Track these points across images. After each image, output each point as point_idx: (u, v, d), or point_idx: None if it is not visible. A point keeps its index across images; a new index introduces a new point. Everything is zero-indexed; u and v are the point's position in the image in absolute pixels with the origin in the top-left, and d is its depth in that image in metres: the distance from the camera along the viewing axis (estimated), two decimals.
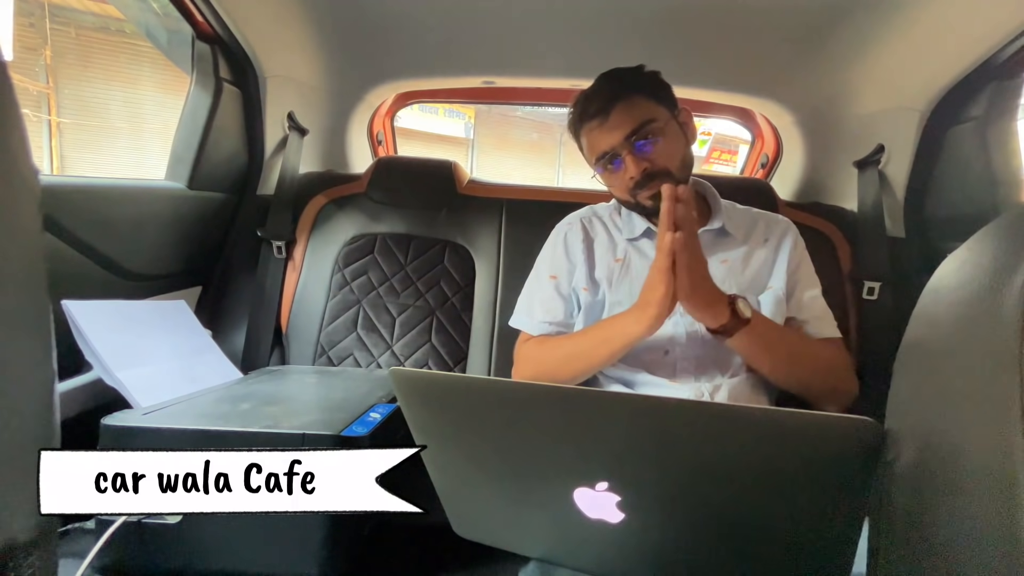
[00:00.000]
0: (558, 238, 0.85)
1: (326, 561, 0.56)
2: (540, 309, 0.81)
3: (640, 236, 0.79)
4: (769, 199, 1.09)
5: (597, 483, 0.36)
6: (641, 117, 0.72)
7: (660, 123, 0.73)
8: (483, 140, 9.24)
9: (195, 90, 0.98)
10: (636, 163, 0.73)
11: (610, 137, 0.73)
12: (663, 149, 0.73)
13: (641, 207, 0.77)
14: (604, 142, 0.74)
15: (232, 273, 1.08)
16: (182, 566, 0.56)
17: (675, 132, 0.75)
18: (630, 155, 0.73)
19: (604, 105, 0.73)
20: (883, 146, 1.01)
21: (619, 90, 0.74)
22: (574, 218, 0.86)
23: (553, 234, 0.87)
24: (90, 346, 0.66)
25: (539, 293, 0.82)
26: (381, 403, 0.68)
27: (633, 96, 0.73)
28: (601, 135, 0.74)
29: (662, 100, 0.75)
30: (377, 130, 1.47)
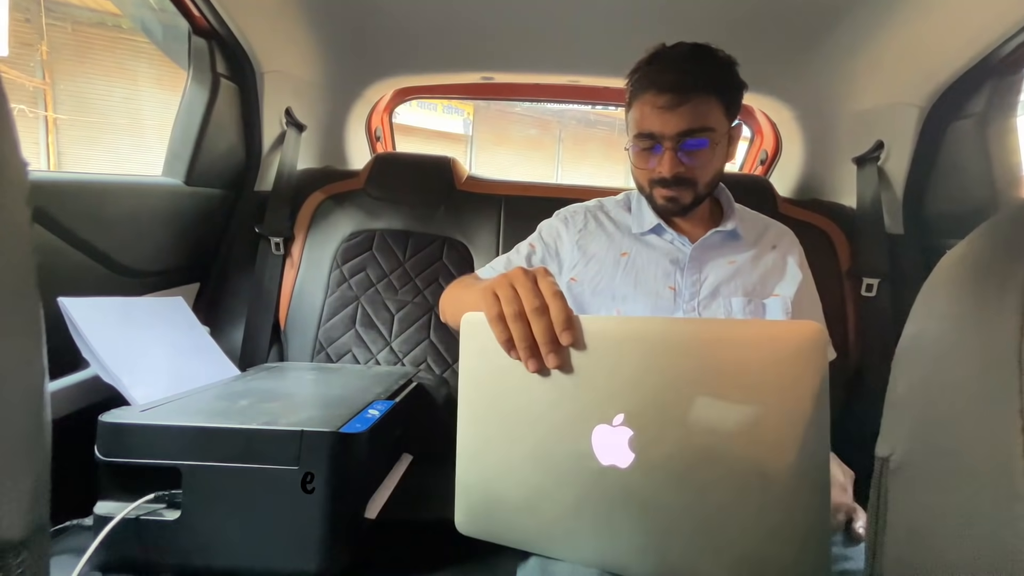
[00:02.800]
0: (556, 221, 0.85)
1: (325, 557, 0.56)
2: (497, 261, 0.84)
3: (648, 232, 0.78)
4: (768, 196, 1.09)
5: (614, 417, 0.41)
6: (704, 121, 0.68)
7: (716, 134, 0.69)
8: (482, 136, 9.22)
9: (192, 86, 0.97)
10: (673, 163, 0.69)
11: (667, 123, 0.68)
12: (705, 161, 0.70)
13: (652, 201, 0.76)
14: (657, 124, 0.69)
15: (230, 270, 1.08)
16: (181, 563, 0.56)
17: (722, 148, 0.71)
18: (671, 152, 0.69)
19: (680, 89, 0.67)
20: (882, 142, 1.01)
21: (703, 81, 0.67)
22: (579, 208, 0.85)
23: (553, 216, 0.86)
24: (87, 343, 0.66)
25: (509, 253, 0.84)
26: (379, 400, 0.68)
27: (712, 94, 0.68)
28: (658, 116, 0.68)
29: (729, 110, 0.71)
30: (375, 126, 1.46)
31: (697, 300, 0.73)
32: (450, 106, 8.77)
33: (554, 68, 1.20)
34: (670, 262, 0.75)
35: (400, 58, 1.20)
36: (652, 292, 0.74)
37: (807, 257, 0.81)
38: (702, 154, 0.70)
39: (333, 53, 1.14)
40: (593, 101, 1.53)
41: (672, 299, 0.73)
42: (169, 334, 0.79)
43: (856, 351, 0.97)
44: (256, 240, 1.07)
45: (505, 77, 1.26)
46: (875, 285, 0.97)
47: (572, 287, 0.78)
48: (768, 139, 1.37)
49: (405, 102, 1.52)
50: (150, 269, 0.93)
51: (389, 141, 1.57)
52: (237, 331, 1.02)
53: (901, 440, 0.23)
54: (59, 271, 0.76)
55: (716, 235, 0.76)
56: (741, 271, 0.75)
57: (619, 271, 0.76)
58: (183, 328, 0.83)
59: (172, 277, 0.99)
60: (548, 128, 9.25)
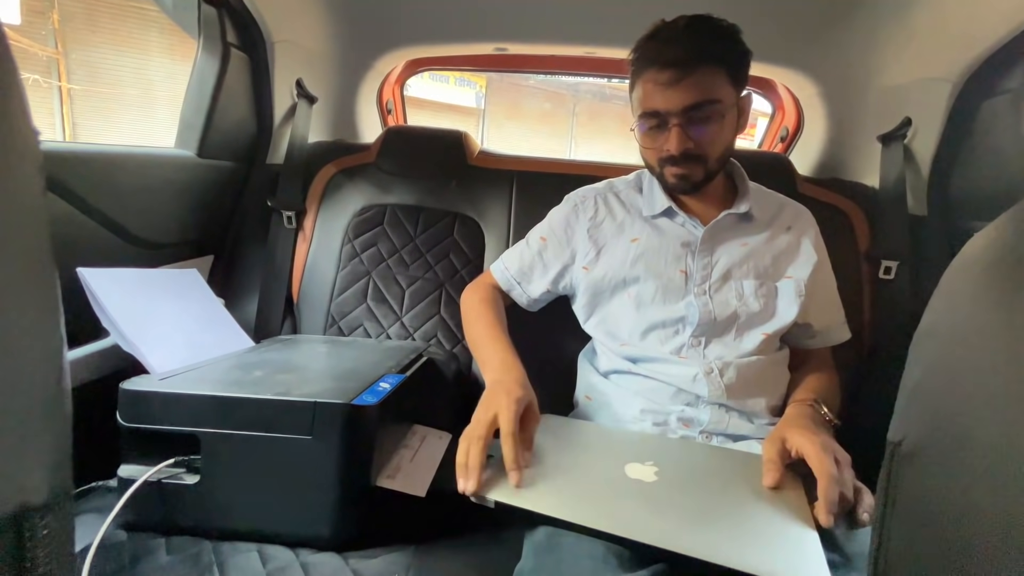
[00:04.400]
0: (567, 208, 0.84)
1: (337, 523, 0.58)
2: (510, 257, 0.86)
3: (660, 214, 0.77)
4: (787, 174, 1.06)
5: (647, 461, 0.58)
6: (710, 93, 0.66)
7: (723, 106, 0.67)
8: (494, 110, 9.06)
9: (202, 55, 0.96)
10: (681, 140, 0.67)
11: (670, 100, 0.66)
12: (714, 134, 0.68)
13: (663, 180, 0.74)
14: (661, 101, 0.67)
15: (243, 243, 1.09)
16: (200, 524, 0.59)
17: (732, 118, 0.69)
18: (679, 128, 0.67)
19: (682, 63, 0.65)
20: (910, 119, 0.97)
21: (705, 53, 0.65)
22: (589, 192, 0.84)
23: (564, 202, 0.86)
24: (106, 313, 0.68)
25: (521, 246, 0.86)
26: (391, 373, 0.69)
27: (716, 65, 0.66)
28: (661, 93, 0.67)
29: (736, 80, 0.68)
30: (387, 99, 1.44)
31: (708, 283, 0.72)
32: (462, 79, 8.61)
33: (569, 39, 1.16)
34: (681, 245, 0.74)
35: (412, 28, 1.17)
36: (663, 276, 0.73)
37: (825, 238, 0.79)
38: (710, 128, 0.68)
39: (344, 23, 1.12)
40: (609, 74, 1.49)
41: (683, 282, 0.73)
42: (185, 305, 0.81)
43: (870, 335, 0.95)
44: (268, 213, 1.07)
45: (519, 48, 1.23)
46: (894, 268, 0.95)
47: (584, 276, 0.78)
48: (790, 115, 1.33)
49: (417, 74, 1.49)
50: (165, 241, 0.94)
51: (401, 114, 1.55)
52: (251, 303, 1.04)
53: (916, 425, 0.23)
54: (76, 242, 0.77)
55: (728, 217, 0.75)
56: (754, 253, 0.74)
57: (630, 257, 0.75)
58: (198, 299, 0.85)
59: (187, 249, 1.01)
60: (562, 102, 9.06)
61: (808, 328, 0.77)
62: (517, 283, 0.84)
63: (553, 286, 0.82)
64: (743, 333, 0.71)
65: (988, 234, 0.24)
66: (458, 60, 1.43)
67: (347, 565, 0.57)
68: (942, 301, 0.24)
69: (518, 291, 0.84)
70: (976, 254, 0.24)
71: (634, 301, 0.74)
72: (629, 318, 0.74)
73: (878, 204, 0.99)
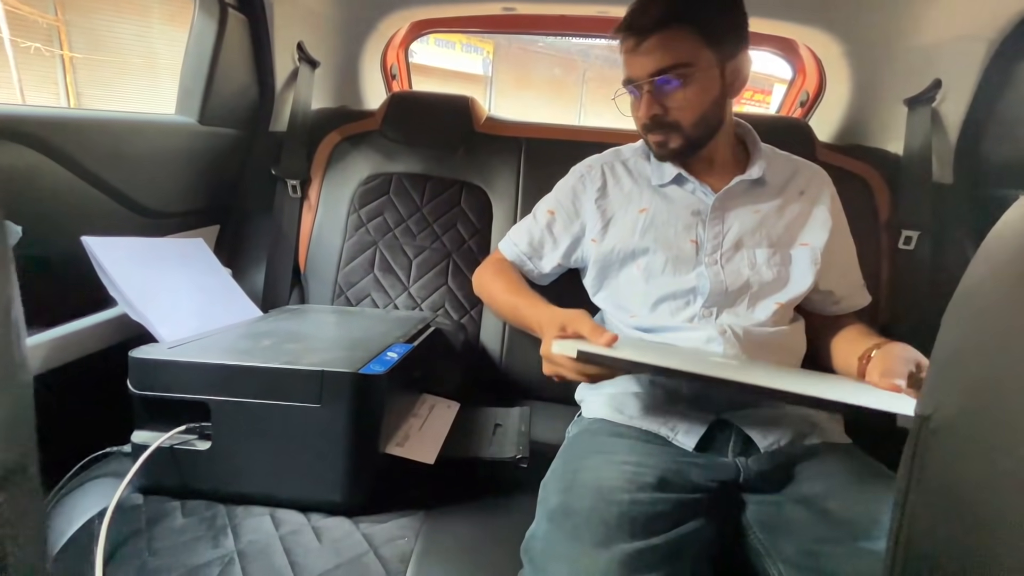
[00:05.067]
0: (572, 180, 0.82)
1: (346, 489, 0.58)
2: (518, 233, 0.84)
3: (669, 183, 0.75)
4: (806, 140, 1.02)
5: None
6: (676, 58, 0.64)
7: (695, 68, 0.64)
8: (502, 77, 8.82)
9: (199, 17, 0.93)
10: (648, 105, 0.68)
11: (636, 66, 0.67)
12: (684, 99, 0.66)
13: (652, 149, 0.74)
14: (630, 68, 0.68)
15: (249, 212, 1.08)
16: (212, 488, 0.60)
17: (709, 82, 0.66)
18: (648, 95, 0.67)
19: (643, 28, 0.65)
20: (940, 81, 0.92)
21: (667, 14, 0.64)
22: (595, 162, 0.81)
23: (569, 175, 0.83)
24: (113, 282, 0.68)
25: (528, 221, 0.84)
26: (398, 343, 0.69)
27: (680, 27, 0.64)
28: (629, 60, 0.68)
29: (713, 41, 0.65)
30: (391, 63, 1.40)
31: (720, 252, 0.70)
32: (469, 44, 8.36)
33: None
34: (691, 214, 0.72)
35: None
36: (673, 246, 0.71)
37: (844, 206, 0.77)
38: (677, 94, 0.66)
39: None
40: None
41: (694, 252, 0.71)
42: (192, 274, 0.80)
43: (887, 306, 0.93)
44: (273, 182, 1.06)
45: (528, 8, 1.17)
46: (914, 238, 0.92)
47: (594, 249, 0.76)
48: (811, 78, 1.27)
49: (421, 37, 1.44)
50: (170, 210, 0.93)
51: (405, 79, 1.51)
52: (258, 273, 1.04)
53: (947, 397, 0.21)
54: (80, 210, 0.76)
55: (740, 183, 0.72)
56: (767, 220, 0.72)
57: (639, 228, 0.73)
58: (205, 269, 0.85)
59: (192, 219, 1.00)
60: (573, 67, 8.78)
61: (831, 295, 0.75)
62: (528, 259, 0.82)
63: (565, 260, 0.81)
64: (756, 303, 0.69)
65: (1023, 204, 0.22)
66: (464, 21, 1.37)
67: (357, 529, 0.58)
68: (980, 269, 0.23)
69: (529, 266, 0.83)
70: (1018, 220, 0.22)
71: (643, 273, 0.72)
72: (639, 290, 0.72)
73: (901, 171, 0.95)
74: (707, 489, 0.58)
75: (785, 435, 0.62)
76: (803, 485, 0.57)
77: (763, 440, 0.62)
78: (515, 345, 0.99)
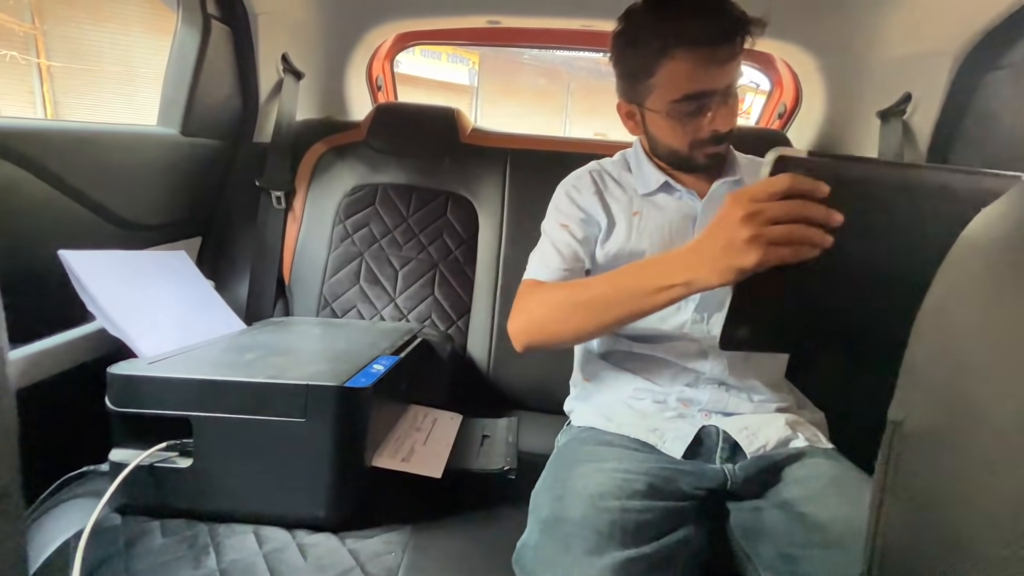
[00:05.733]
0: (566, 191, 0.79)
1: (331, 504, 0.58)
2: (545, 258, 0.72)
3: (656, 190, 0.75)
4: None
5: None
6: (739, 70, 0.65)
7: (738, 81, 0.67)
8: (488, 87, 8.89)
9: (182, 28, 0.92)
10: (726, 118, 0.65)
11: (718, 77, 0.63)
12: (736, 108, 0.68)
13: (689, 162, 0.71)
14: (709, 80, 0.63)
15: (232, 224, 1.07)
16: (194, 507, 0.58)
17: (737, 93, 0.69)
18: (724, 107, 0.65)
19: (727, 38, 0.61)
20: (910, 94, 0.95)
21: (738, 27, 0.62)
22: (581, 172, 0.81)
23: (559, 190, 0.80)
24: (92, 296, 0.66)
25: (544, 246, 0.75)
26: (384, 355, 0.68)
27: (738, 41, 0.63)
28: (709, 70, 0.62)
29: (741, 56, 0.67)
30: (376, 74, 1.40)
31: None
32: (455, 55, 8.42)
33: (565, 11, 1.13)
34: (681, 218, 0.73)
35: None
36: (665, 250, 0.72)
37: None
38: (736, 103, 0.67)
39: None
40: (606, 49, 1.45)
41: None
42: (173, 287, 0.79)
43: None
44: (257, 193, 1.05)
45: (512, 21, 1.19)
46: None
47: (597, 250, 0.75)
48: (788, 91, 1.30)
49: (407, 48, 1.45)
50: (150, 222, 0.92)
51: (391, 90, 1.51)
52: (242, 285, 1.02)
53: (918, 404, 0.22)
54: (59, 224, 0.75)
55: (724, 186, 0.73)
56: None
57: (634, 232, 0.73)
58: (187, 281, 0.83)
59: (173, 231, 0.99)
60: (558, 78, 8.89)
61: None
62: (571, 274, 0.72)
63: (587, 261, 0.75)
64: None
65: (994, 210, 0.23)
66: (450, 34, 1.39)
67: (343, 545, 0.57)
68: (948, 277, 0.24)
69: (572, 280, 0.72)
70: (982, 230, 0.23)
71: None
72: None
73: None
74: (695, 497, 0.58)
75: (770, 439, 0.63)
76: (783, 490, 0.58)
77: (750, 445, 0.62)
78: (502, 355, 0.99)
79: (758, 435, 0.63)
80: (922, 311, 0.24)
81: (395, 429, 0.71)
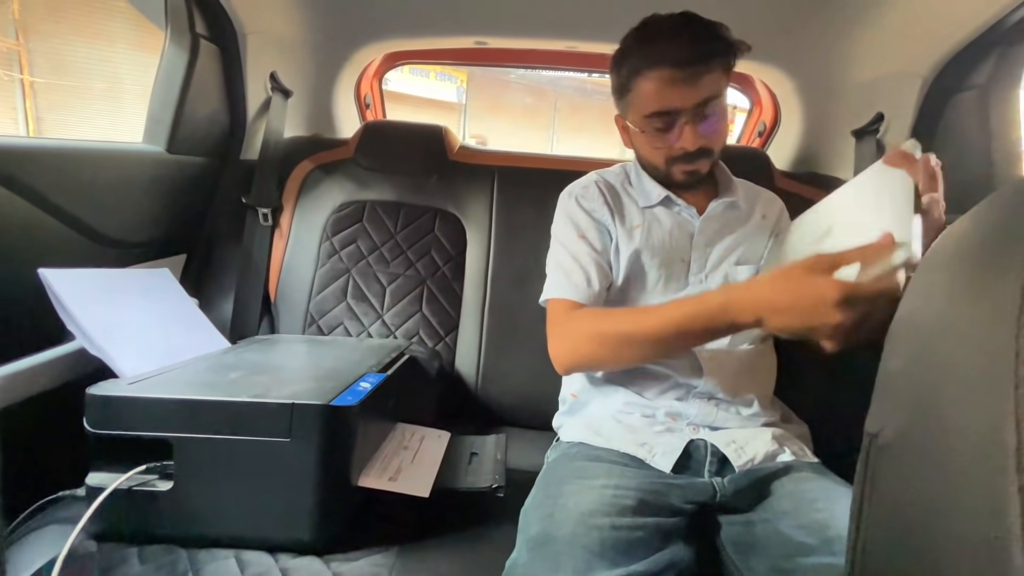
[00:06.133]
0: (576, 197, 0.77)
1: (317, 527, 0.56)
2: (571, 278, 0.70)
3: (656, 204, 0.76)
4: (765, 168, 1.07)
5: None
6: (715, 90, 0.66)
7: (723, 100, 0.68)
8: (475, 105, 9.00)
9: (170, 47, 0.93)
10: (695, 137, 0.67)
11: (684, 97, 0.65)
12: (721, 128, 0.69)
13: (668, 178, 0.73)
14: (674, 99, 0.65)
15: (217, 241, 1.06)
16: (174, 532, 0.57)
17: (724, 111, 0.70)
18: (691, 126, 0.66)
19: (695, 60, 0.64)
20: (883, 115, 0.99)
21: (713, 48, 0.65)
22: (587, 181, 0.80)
23: (567, 199, 0.78)
24: (71, 315, 0.65)
25: (567, 264, 0.72)
26: (371, 372, 0.68)
27: (717, 62, 0.66)
28: (673, 90, 0.65)
29: (728, 76, 0.69)
30: (365, 93, 1.42)
31: (704, 272, 0.73)
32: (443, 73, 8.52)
33: (550, 33, 1.15)
34: (681, 232, 0.75)
35: (390, 20, 1.15)
36: (667, 264, 0.73)
37: None
38: (718, 122, 0.69)
39: (319, 13, 1.09)
40: (591, 69, 1.48)
41: (684, 271, 0.73)
42: (155, 306, 0.78)
43: None
44: (243, 210, 1.04)
45: (499, 42, 1.22)
46: None
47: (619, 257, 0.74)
48: (767, 110, 1.34)
49: (396, 67, 1.47)
50: (134, 240, 0.91)
51: (379, 108, 1.53)
52: (227, 303, 1.01)
53: (892, 416, 0.23)
54: (39, 242, 0.74)
55: (720, 205, 0.76)
56: (742, 241, 0.75)
57: (634, 245, 0.74)
58: (170, 300, 0.82)
59: (157, 248, 0.97)
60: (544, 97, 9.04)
61: None
62: (606, 289, 0.73)
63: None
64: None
65: (960, 226, 0.24)
66: (438, 54, 1.41)
67: (328, 568, 0.56)
68: (918, 292, 0.25)
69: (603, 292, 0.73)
70: (950, 245, 0.24)
71: (636, 288, 0.73)
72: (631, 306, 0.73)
73: None
74: (685, 512, 0.58)
75: (758, 453, 0.63)
76: (773, 503, 0.59)
77: (738, 459, 0.63)
78: (490, 372, 0.98)
79: (746, 449, 0.64)
80: (894, 323, 0.25)
81: (382, 448, 0.70)
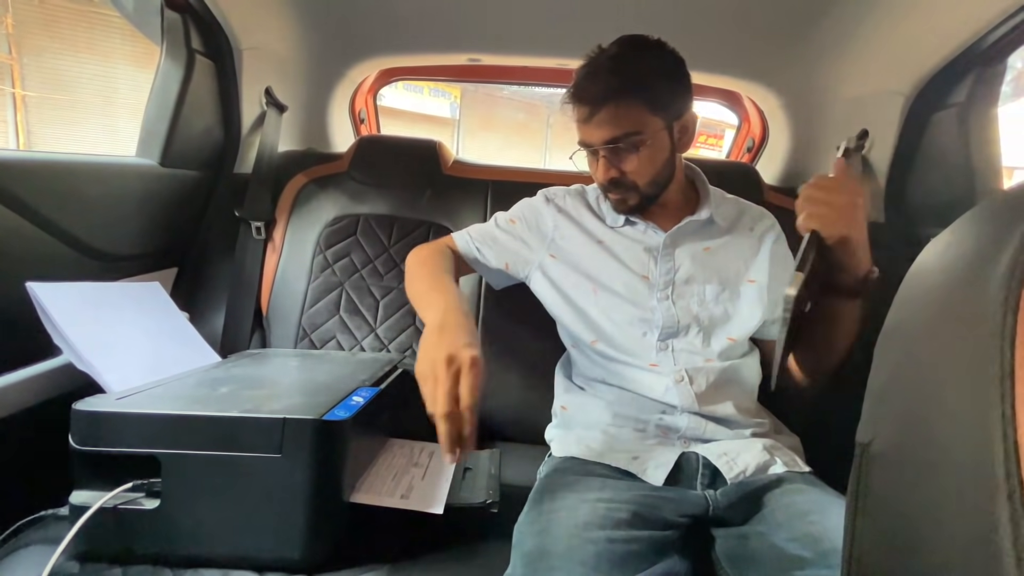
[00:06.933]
0: (538, 199, 0.85)
1: (308, 545, 0.55)
2: (475, 229, 0.84)
3: (623, 225, 0.79)
4: (754, 183, 1.09)
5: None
6: (627, 127, 0.68)
7: (645, 135, 0.68)
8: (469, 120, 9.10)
9: (166, 62, 0.93)
10: (605, 169, 0.72)
11: (590, 134, 0.71)
12: (637, 163, 0.71)
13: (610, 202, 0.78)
14: (585, 134, 0.73)
15: (209, 254, 1.05)
16: (160, 552, 0.55)
17: (660, 145, 0.71)
18: (604, 159, 0.72)
19: (594, 100, 0.69)
20: (867, 131, 1.01)
21: (614, 89, 0.67)
22: (561, 191, 0.86)
23: (540, 193, 0.87)
24: (58, 329, 0.64)
25: (487, 224, 0.85)
26: (364, 387, 0.67)
27: (627, 99, 0.67)
28: (585, 126, 0.72)
29: (659, 108, 0.69)
30: (359, 108, 1.43)
31: (671, 288, 0.73)
32: (437, 89, 8.61)
33: (542, 51, 1.18)
34: (644, 251, 0.76)
35: (384, 37, 1.16)
36: (627, 281, 0.74)
37: (791, 245, 0.82)
38: (632, 158, 0.71)
39: (315, 30, 1.11)
40: None
41: (647, 287, 0.74)
42: (145, 320, 0.77)
43: None
44: (236, 224, 1.04)
45: (492, 59, 1.24)
46: None
47: (552, 264, 0.79)
48: (755, 127, 1.37)
49: (390, 83, 1.48)
50: (125, 253, 0.90)
51: (374, 123, 1.54)
52: (218, 317, 1.00)
53: (882, 426, 0.23)
54: (28, 256, 0.73)
55: (690, 223, 0.76)
56: (716, 258, 0.76)
57: (596, 257, 0.77)
58: (160, 314, 0.81)
59: (148, 261, 0.97)
60: (537, 112, 9.15)
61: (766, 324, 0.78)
62: (477, 249, 0.82)
63: (513, 261, 0.81)
64: (708, 337, 0.72)
65: (942, 239, 0.25)
66: (432, 70, 1.43)
67: None
68: (904, 304, 0.25)
69: (475, 255, 0.82)
70: (933, 258, 0.25)
71: (598, 303, 0.75)
72: (595, 317, 0.75)
73: None
74: (679, 526, 0.58)
75: (750, 465, 0.63)
76: (766, 516, 0.58)
77: (729, 471, 0.63)
78: (484, 386, 0.98)
79: (737, 461, 0.64)
80: (882, 334, 0.25)
81: (377, 463, 0.69)
